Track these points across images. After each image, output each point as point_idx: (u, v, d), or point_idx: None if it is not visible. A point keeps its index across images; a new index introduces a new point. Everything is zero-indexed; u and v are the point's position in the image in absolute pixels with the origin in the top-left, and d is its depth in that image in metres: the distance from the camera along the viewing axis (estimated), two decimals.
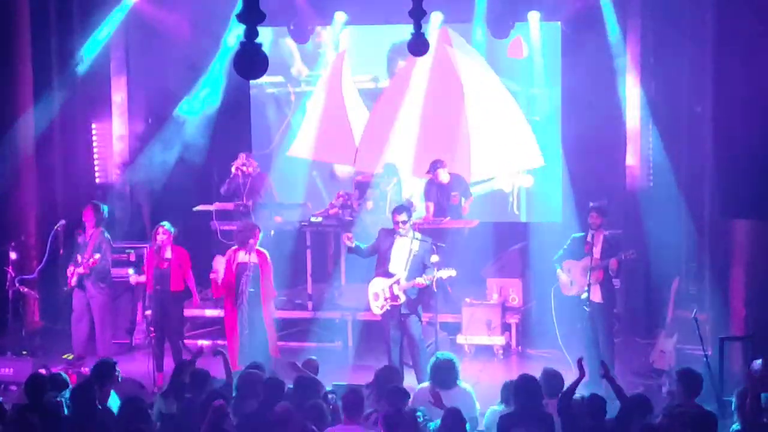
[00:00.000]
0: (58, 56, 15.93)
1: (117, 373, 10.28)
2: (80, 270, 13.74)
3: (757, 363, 9.33)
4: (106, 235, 13.95)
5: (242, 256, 12.76)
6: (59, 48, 15.96)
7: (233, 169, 15.63)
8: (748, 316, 12.70)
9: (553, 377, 9.83)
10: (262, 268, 12.75)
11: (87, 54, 15.97)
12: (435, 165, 15.63)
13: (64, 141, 16.13)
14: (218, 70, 16.69)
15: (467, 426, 9.00)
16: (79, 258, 13.81)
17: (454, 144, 17.14)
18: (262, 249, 12.88)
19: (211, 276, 12.87)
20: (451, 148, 16.90)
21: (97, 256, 13.67)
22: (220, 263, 12.87)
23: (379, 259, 12.63)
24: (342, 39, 17.48)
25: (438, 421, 9.01)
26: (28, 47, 15.62)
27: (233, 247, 12.94)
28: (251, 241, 12.73)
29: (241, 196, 15.67)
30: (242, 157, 15.80)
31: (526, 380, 9.28)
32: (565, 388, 9.41)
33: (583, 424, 8.95)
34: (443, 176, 15.58)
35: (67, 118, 16.09)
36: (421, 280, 12.29)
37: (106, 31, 16.02)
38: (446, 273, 12.43)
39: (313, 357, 11.08)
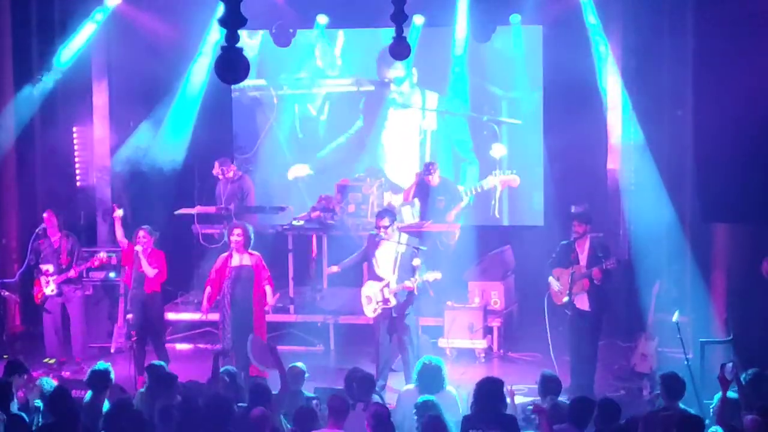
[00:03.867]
0: (38, 58, 15.87)
1: (112, 379, 10.28)
2: (71, 274, 13.75)
3: (729, 365, 9.36)
4: (73, 236, 14.01)
5: (235, 260, 12.76)
6: (40, 49, 15.90)
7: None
8: (729, 319, 12.74)
9: (550, 380, 9.92)
10: (254, 270, 12.75)
11: (65, 58, 15.89)
12: (428, 167, 15.73)
13: (44, 144, 16.09)
14: (199, 73, 16.63)
15: (452, 429, 9.02)
16: (50, 268, 13.79)
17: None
18: (255, 252, 12.90)
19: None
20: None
21: (103, 254, 13.88)
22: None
23: (369, 263, 12.72)
24: (325, 41, 17.51)
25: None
26: (8, 48, 15.59)
27: (224, 254, 12.97)
28: (231, 238, 12.75)
29: (220, 200, 15.69)
30: (216, 165, 15.86)
31: (487, 382, 9.34)
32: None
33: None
34: (435, 178, 15.67)
35: (48, 122, 16.05)
36: (409, 284, 12.37)
37: (86, 32, 15.95)
38: (431, 276, 12.49)
39: (299, 363, 11.01)
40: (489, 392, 9.22)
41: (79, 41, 15.87)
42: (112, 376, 10.25)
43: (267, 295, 12.88)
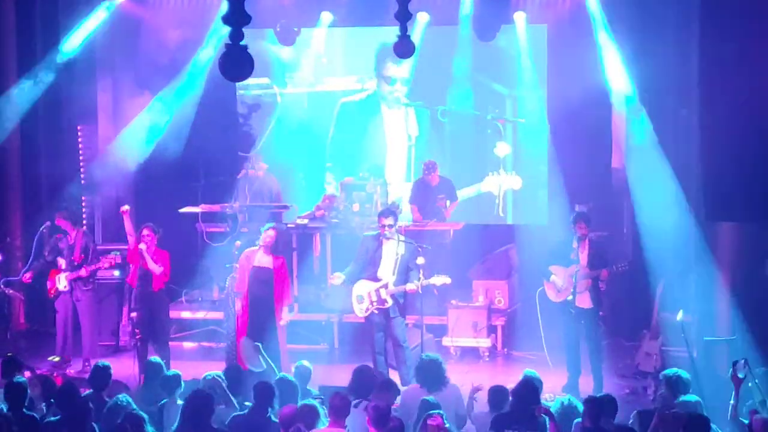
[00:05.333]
0: (43, 54, 15.87)
1: (110, 376, 10.32)
2: (82, 273, 13.77)
3: (741, 363, 9.34)
4: (89, 234, 14.01)
5: (258, 259, 12.76)
6: (44, 46, 15.91)
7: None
8: (734, 318, 12.73)
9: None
10: (277, 272, 12.75)
11: (71, 47, 15.90)
12: (429, 166, 15.73)
13: (49, 143, 16.09)
14: (201, 70, 16.61)
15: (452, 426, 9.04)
16: (62, 262, 13.81)
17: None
18: (279, 255, 12.96)
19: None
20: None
21: (113, 254, 13.81)
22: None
23: (365, 262, 12.67)
24: (328, 39, 17.51)
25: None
26: (13, 42, 15.60)
27: (251, 248, 12.97)
28: (266, 241, 12.77)
29: (245, 197, 15.67)
30: (252, 159, 15.85)
31: (527, 382, 9.35)
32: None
33: None
34: (435, 177, 15.67)
35: (53, 120, 16.05)
36: (412, 287, 12.34)
37: (90, 26, 15.96)
38: (440, 280, 12.51)
39: (305, 362, 11.01)
40: (527, 393, 9.21)
41: (86, 30, 15.89)
42: (111, 372, 10.29)
43: (282, 312, 12.87)
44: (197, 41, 16.56)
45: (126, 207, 13.66)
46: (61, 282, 13.91)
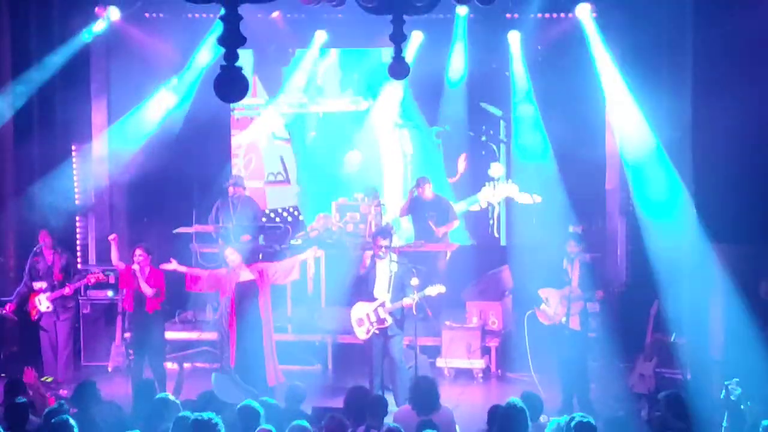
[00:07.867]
0: (37, 70, 15.90)
1: (99, 395, 10.25)
2: (66, 291, 13.79)
3: (732, 385, 9.32)
4: (66, 253, 14.07)
5: (241, 275, 12.79)
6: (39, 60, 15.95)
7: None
8: (727, 340, 12.74)
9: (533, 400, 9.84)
10: (259, 285, 12.78)
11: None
12: (419, 181, 15.75)
13: (43, 163, 16.08)
14: (192, 90, 16.62)
15: None
16: (44, 285, 13.81)
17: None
18: (261, 265, 12.97)
19: None
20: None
21: (98, 272, 13.81)
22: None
23: (360, 283, 12.70)
24: (324, 59, 17.55)
25: None
26: (8, 61, 15.63)
27: (220, 270, 13.09)
28: (227, 259, 12.77)
29: (230, 218, 15.65)
30: (233, 180, 15.86)
31: (514, 410, 9.20)
32: None
33: None
34: (427, 192, 15.67)
35: (48, 140, 16.05)
36: (408, 301, 12.37)
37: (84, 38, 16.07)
38: (435, 290, 12.52)
39: (298, 383, 10.99)
40: (515, 421, 9.09)
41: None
42: (97, 390, 10.24)
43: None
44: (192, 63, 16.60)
45: (113, 236, 13.62)
46: (43, 303, 13.93)
